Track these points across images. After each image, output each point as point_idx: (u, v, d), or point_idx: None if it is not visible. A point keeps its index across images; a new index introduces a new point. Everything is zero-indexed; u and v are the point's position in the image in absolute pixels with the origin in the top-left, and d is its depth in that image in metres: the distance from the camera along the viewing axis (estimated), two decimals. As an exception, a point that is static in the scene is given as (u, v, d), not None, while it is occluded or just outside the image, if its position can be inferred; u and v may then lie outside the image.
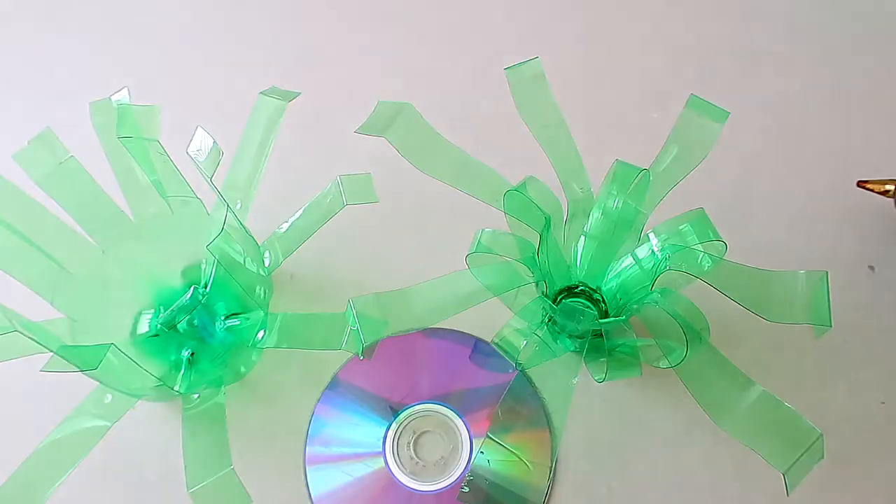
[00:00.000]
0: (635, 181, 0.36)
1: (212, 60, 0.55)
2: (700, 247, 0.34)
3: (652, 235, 0.37)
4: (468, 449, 0.41)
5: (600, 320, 0.38)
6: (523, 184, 0.35)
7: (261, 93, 0.40)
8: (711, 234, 0.34)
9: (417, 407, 0.43)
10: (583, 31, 0.55)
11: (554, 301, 0.41)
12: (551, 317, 0.41)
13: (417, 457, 0.42)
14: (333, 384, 0.43)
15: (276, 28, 0.56)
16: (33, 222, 0.38)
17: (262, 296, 0.40)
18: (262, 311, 0.40)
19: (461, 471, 0.41)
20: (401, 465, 0.41)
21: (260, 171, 0.41)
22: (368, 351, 0.36)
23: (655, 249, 0.36)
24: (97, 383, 0.36)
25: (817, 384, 0.43)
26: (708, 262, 0.34)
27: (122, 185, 0.40)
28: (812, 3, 0.55)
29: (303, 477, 0.41)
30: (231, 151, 0.40)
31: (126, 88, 0.37)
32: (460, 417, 0.42)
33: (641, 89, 0.53)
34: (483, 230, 0.36)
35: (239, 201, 0.41)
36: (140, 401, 0.37)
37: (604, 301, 0.41)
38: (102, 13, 0.57)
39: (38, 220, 0.38)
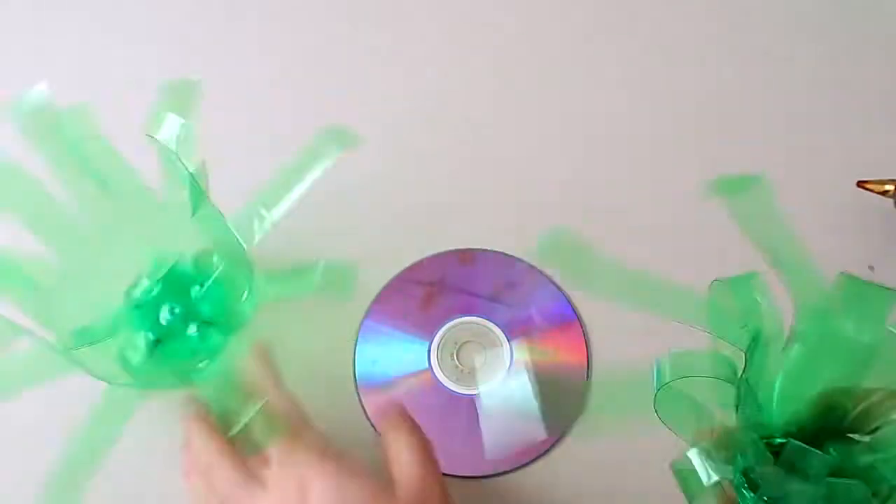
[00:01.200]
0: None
1: (212, 60, 0.55)
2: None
3: None
4: (508, 353, 0.43)
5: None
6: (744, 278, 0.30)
7: (317, 135, 0.39)
8: None
9: (456, 320, 0.44)
10: (582, 32, 0.55)
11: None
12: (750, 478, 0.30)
13: (460, 363, 0.43)
14: (368, 319, 0.45)
15: (275, 28, 0.56)
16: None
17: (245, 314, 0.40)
18: (231, 338, 0.40)
19: (503, 373, 0.43)
20: (446, 373, 0.43)
21: (290, 199, 0.41)
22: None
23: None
24: (104, 384, 0.36)
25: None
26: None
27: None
28: (813, 4, 0.55)
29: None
30: (230, 150, 0.40)
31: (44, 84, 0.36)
32: (498, 325, 0.44)
33: (642, 89, 0.53)
34: (662, 359, 0.30)
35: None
36: (143, 402, 0.37)
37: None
38: (102, 13, 0.57)
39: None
